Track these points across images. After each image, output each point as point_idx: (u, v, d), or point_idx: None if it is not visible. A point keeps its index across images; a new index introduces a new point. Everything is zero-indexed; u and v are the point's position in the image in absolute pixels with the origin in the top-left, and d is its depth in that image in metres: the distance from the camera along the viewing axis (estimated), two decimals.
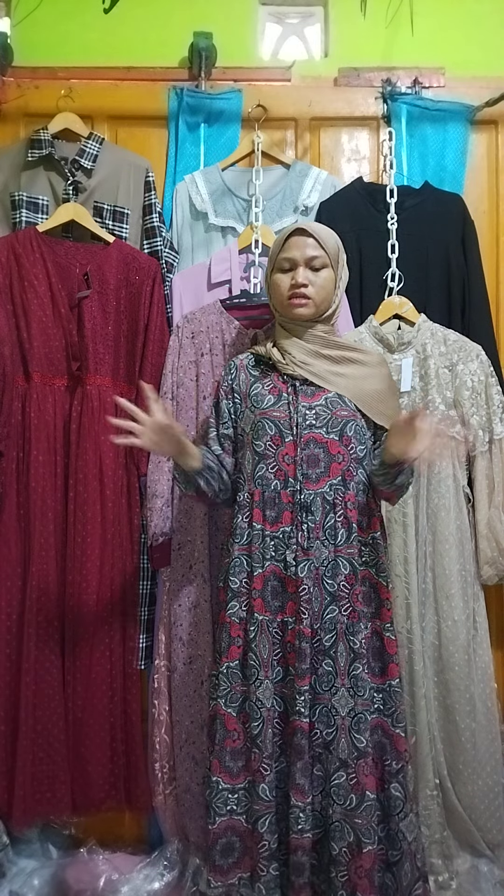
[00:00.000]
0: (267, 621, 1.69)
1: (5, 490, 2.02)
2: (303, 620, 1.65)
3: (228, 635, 1.72)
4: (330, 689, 1.66)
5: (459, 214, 2.21)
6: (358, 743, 1.64)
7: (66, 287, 2.08)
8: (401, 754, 1.70)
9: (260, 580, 1.70)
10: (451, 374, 2.08)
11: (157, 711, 2.03)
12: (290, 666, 1.67)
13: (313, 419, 1.74)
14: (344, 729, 1.65)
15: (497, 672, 2.11)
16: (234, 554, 1.74)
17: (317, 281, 1.77)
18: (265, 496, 1.74)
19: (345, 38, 2.41)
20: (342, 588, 1.69)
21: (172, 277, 2.19)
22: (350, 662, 1.67)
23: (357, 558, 1.71)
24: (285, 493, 1.72)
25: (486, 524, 2.07)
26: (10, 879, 1.96)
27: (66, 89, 2.25)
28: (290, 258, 1.78)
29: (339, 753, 1.65)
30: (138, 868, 1.99)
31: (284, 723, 1.68)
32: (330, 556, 1.70)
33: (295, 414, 1.75)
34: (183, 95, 2.28)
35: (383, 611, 1.73)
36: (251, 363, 1.87)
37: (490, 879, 1.95)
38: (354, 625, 1.69)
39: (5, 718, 1.94)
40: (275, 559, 1.71)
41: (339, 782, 1.64)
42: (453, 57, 2.37)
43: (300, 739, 1.63)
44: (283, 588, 1.70)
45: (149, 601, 2.10)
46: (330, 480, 1.72)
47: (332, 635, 1.68)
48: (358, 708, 1.66)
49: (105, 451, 2.05)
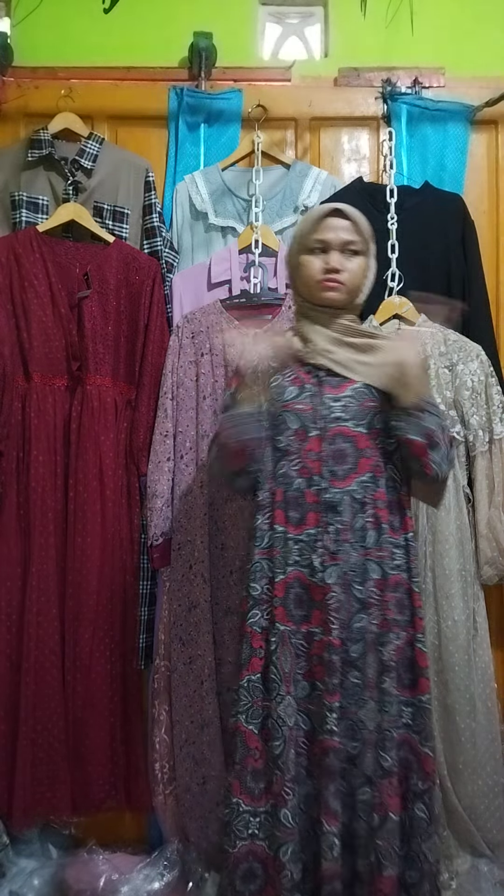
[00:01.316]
0: (289, 632, 1.57)
1: (5, 490, 2.02)
2: (332, 630, 1.53)
3: (250, 646, 1.60)
4: (357, 703, 1.55)
5: (459, 214, 2.21)
6: (384, 761, 1.53)
7: (66, 287, 2.08)
8: (428, 775, 1.58)
9: (282, 587, 1.58)
10: (451, 374, 2.08)
11: (157, 711, 2.03)
12: (317, 680, 1.55)
13: (340, 411, 1.62)
14: (371, 744, 1.54)
15: (497, 672, 2.11)
16: (255, 558, 1.63)
17: (350, 267, 1.65)
18: (287, 496, 1.62)
19: (345, 38, 2.41)
20: (372, 595, 1.57)
21: (172, 277, 2.19)
22: (378, 675, 1.56)
23: (388, 562, 1.60)
24: (310, 493, 1.60)
25: (486, 524, 2.07)
26: (10, 879, 1.96)
27: (66, 89, 2.25)
28: (325, 240, 1.64)
29: (364, 769, 1.54)
30: (138, 868, 1.99)
31: (311, 742, 1.56)
32: (359, 560, 1.58)
33: (320, 406, 1.63)
34: (183, 95, 2.28)
35: (416, 620, 1.61)
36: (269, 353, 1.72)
37: (490, 879, 1.95)
38: (384, 634, 1.57)
39: (5, 718, 1.94)
40: (299, 564, 1.58)
41: (364, 799, 1.53)
42: (453, 57, 2.37)
43: (332, 760, 1.51)
44: (308, 596, 1.58)
45: (149, 601, 2.10)
46: (359, 477, 1.60)
47: (361, 645, 1.56)
48: (385, 724, 1.54)
49: (105, 451, 2.05)
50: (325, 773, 1.52)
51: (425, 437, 1.56)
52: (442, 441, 1.59)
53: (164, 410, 2.05)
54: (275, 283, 2.16)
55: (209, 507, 2.02)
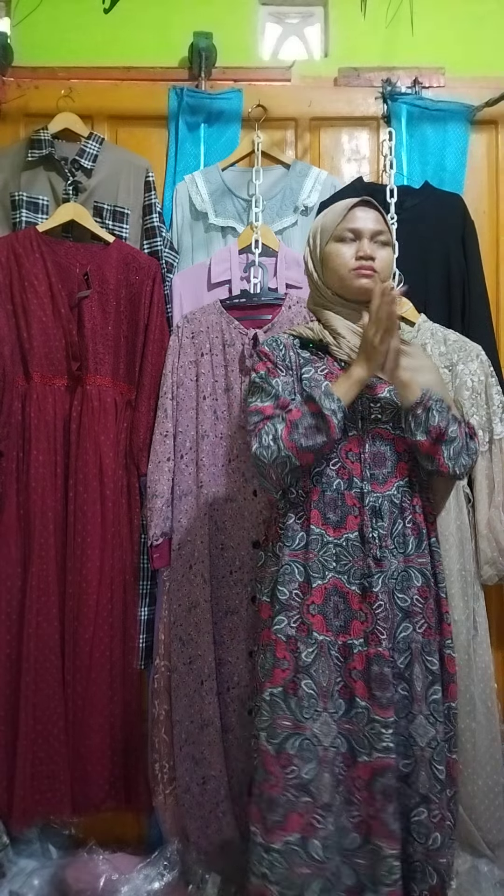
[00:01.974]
0: (328, 643, 1.50)
1: (5, 490, 2.02)
2: (381, 642, 1.47)
3: (273, 656, 1.52)
4: (406, 717, 1.49)
5: (459, 214, 2.21)
6: (440, 775, 1.48)
7: (66, 287, 2.08)
8: (454, 781, 1.56)
9: (320, 594, 1.51)
10: (451, 374, 2.08)
11: (157, 711, 2.03)
12: (356, 697, 1.48)
13: (379, 412, 1.59)
14: (424, 761, 1.48)
15: (497, 672, 2.11)
16: (285, 560, 1.55)
17: (382, 256, 1.63)
18: (325, 496, 1.56)
19: (345, 38, 2.41)
20: (416, 603, 1.53)
21: (172, 277, 2.19)
22: (429, 686, 1.51)
23: (427, 568, 1.57)
24: (350, 495, 1.55)
25: (486, 524, 2.07)
26: (10, 879, 1.96)
27: (66, 89, 2.25)
28: (356, 229, 1.62)
29: (419, 788, 1.47)
30: (138, 868, 1.99)
31: (349, 766, 1.48)
32: (400, 567, 1.54)
33: (359, 405, 1.58)
34: (183, 95, 2.28)
35: (444, 626, 1.59)
36: (295, 344, 1.66)
37: (490, 879, 1.95)
38: (430, 643, 1.53)
39: (5, 718, 1.94)
40: (337, 570, 1.52)
41: (421, 819, 1.47)
42: (453, 57, 2.37)
43: (389, 780, 1.44)
44: (345, 604, 1.52)
45: (149, 601, 2.10)
46: (398, 482, 1.57)
47: (407, 656, 1.51)
48: (439, 736, 1.50)
49: (105, 451, 2.05)
50: (380, 795, 1.45)
51: (431, 434, 1.53)
52: (458, 435, 1.55)
53: (164, 410, 2.05)
54: (275, 283, 2.16)
55: (209, 507, 2.02)
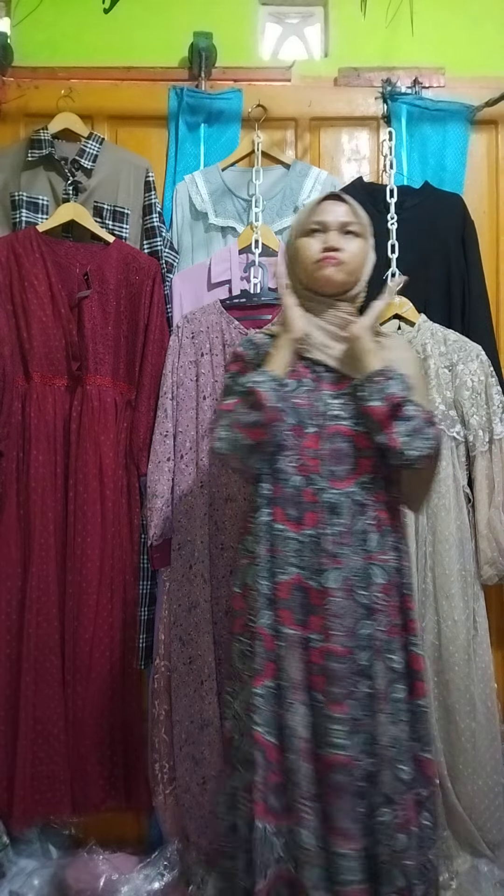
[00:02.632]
0: (296, 637, 1.51)
1: (5, 490, 2.02)
2: (332, 637, 1.47)
3: (264, 649, 1.51)
4: (370, 715, 1.48)
5: (459, 214, 2.21)
6: (403, 774, 1.48)
7: (66, 287, 2.08)
8: (430, 780, 1.55)
9: (286, 589, 1.52)
10: (451, 374, 2.08)
11: (157, 711, 2.03)
12: (316, 691, 1.49)
13: (339, 409, 1.58)
14: (387, 760, 1.47)
15: (497, 672, 2.11)
16: (260, 554, 1.56)
17: (349, 247, 1.61)
18: (286, 493, 1.56)
19: (345, 38, 2.41)
20: (377, 600, 1.52)
21: (172, 277, 2.19)
22: (390, 683, 1.51)
23: (390, 565, 1.55)
24: (308, 492, 1.55)
25: (486, 524, 2.07)
26: (10, 879, 1.96)
27: (66, 89, 2.25)
28: (322, 221, 1.62)
29: (382, 787, 1.46)
30: (138, 868, 1.99)
31: (316, 758, 1.48)
32: (361, 564, 1.53)
33: (318, 402, 1.59)
34: (183, 95, 2.28)
35: (409, 623, 1.57)
36: (268, 342, 1.67)
37: (490, 879, 1.95)
38: (392, 641, 1.53)
39: (5, 718, 1.95)
40: (299, 566, 1.53)
41: (385, 820, 1.45)
42: (453, 57, 2.37)
43: (341, 777, 1.44)
44: (306, 599, 1.52)
45: (149, 601, 2.10)
46: (359, 478, 1.56)
47: (369, 653, 1.50)
48: (402, 736, 1.49)
49: (105, 451, 2.05)
50: (333, 792, 1.45)
51: (386, 402, 1.51)
52: (416, 414, 1.53)
53: (164, 410, 2.05)
54: (274, 283, 2.16)
55: (209, 507, 2.02)
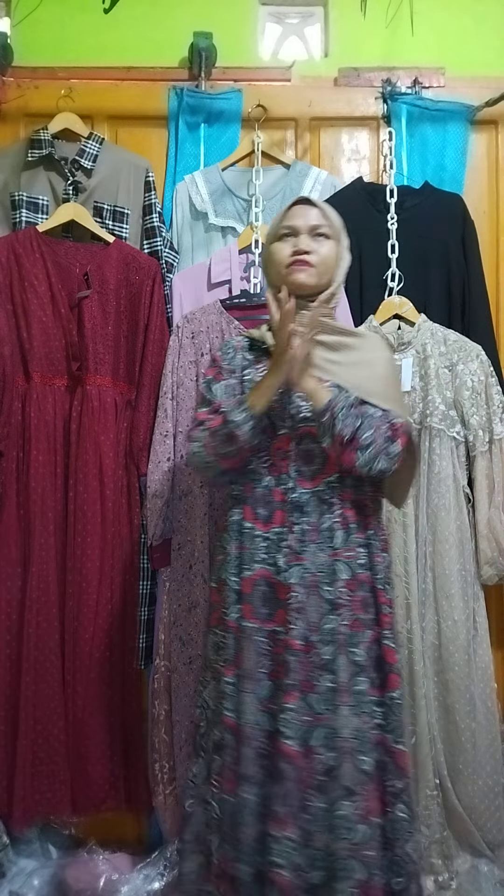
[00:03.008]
0: (254, 629, 1.57)
1: (5, 490, 2.02)
2: (291, 631, 1.53)
3: (234, 641, 1.60)
4: (330, 708, 1.51)
5: (459, 214, 2.21)
6: (364, 765, 1.50)
7: (66, 287, 2.08)
8: (404, 771, 1.56)
9: (249, 584, 1.59)
10: (451, 374, 2.08)
11: (157, 711, 2.03)
12: (279, 681, 1.54)
13: (308, 411, 1.61)
14: (348, 752, 1.50)
15: (497, 672, 2.11)
16: (231, 551, 1.64)
17: (320, 250, 1.64)
18: (256, 492, 1.62)
19: (345, 38, 2.41)
20: (342, 595, 1.56)
21: (172, 277, 2.19)
22: (352, 677, 1.54)
23: (356, 561, 1.59)
24: (278, 491, 1.60)
25: (486, 524, 2.07)
26: (10, 879, 1.96)
27: (66, 89, 2.25)
28: (293, 226, 1.65)
29: (342, 780, 1.49)
30: (138, 868, 1.99)
31: (272, 743, 1.53)
32: (327, 561, 1.57)
33: (289, 405, 1.63)
34: (183, 95, 2.28)
35: (381, 616, 1.60)
36: (246, 346, 1.74)
37: (490, 879, 1.95)
38: (356, 635, 1.55)
39: (5, 718, 1.95)
40: (266, 562, 1.59)
41: (344, 813, 1.47)
42: (453, 57, 2.37)
43: (282, 763, 1.49)
44: (273, 594, 1.58)
45: (149, 601, 2.10)
46: (326, 478, 1.60)
47: (332, 647, 1.53)
48: (363, 727, 1.52)
49: (105, 451, 2.05)
50: (277, 777, 1.49)
51: (336, 441, 1.54)
52: (373, 440, 1.53)
53: (164, 410, 2.05)
54: None
55: (209, 507, 2.02)
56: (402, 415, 1.61)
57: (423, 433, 2.06)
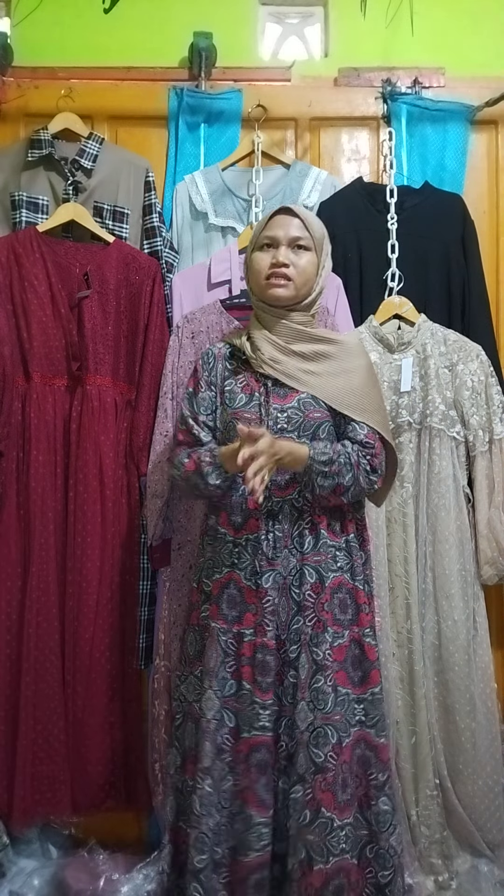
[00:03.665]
0: (219, 630, 1.64)
1: (5, 490, 2.02)
2: (266, 633, 1.60)
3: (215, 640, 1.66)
4: (292, 703, 1.60)
5: (459, 214, 2.21)
6: (316, 758, 1.57)
7: (66, 287, 2.08)
8: (386, 764, 1.64)
9: (217, 586, 1.66)
10: (451, 374, 2.08)
11: (157, 711, 2.03)
12: (244, 680, 1.61)
13: (285, 423, 1.65)
14: (303, 743, 1.58)
15: (497, 672, 2.11)
16: (206, 555, 1.73)
17: (299, 263, 1.67)
18: (233, 500, 1.68)
19: (345, 38, 2.41)
20: (307, 598, 1.62)
21: (172, 277, 2.19)
22: (312, 675, 1.60)
23: (324, 565, 1.63)
24: (252, 499, 1.58)
25: (486, 524, 2.07)
26: (10, 879, 1.96)
27: (66, 89, 2.25)
28: (273, 236, 1.68)
29: (297, 768, 1.58)
30: (138, 868, 1.99)
31: (235, 739, 1.61)
32: (296, 566, 1.63)
33: (266, 417, 1.66)
34: (183, 95, 2.28)
35: (361, 616, 1.66)
36: (227, 354, 1.77)
37: (490, 879, 1.95)
38: (318, 635, 1.61)
39: (5, 718, 1.94)
40: (236, 567, 1.65)
41: (296, 797, 1.57)
42: (453, 57, 2.37)
43: (264, 755, 1.58)
44: (241, 598, 1.64)
45: (149, 601, 2.10)
46: (298, 486, 1.65)
47: (297, 646, 1.61)
48: (317, 722, 1.58)
49: (105, 451, 2.05)
50: (255, 768, 1.58)
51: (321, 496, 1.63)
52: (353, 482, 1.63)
53: (164, 410, 2.05)
54: None
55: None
56: (376, 428, 1.67)
57: (423, 433, 2.06)
